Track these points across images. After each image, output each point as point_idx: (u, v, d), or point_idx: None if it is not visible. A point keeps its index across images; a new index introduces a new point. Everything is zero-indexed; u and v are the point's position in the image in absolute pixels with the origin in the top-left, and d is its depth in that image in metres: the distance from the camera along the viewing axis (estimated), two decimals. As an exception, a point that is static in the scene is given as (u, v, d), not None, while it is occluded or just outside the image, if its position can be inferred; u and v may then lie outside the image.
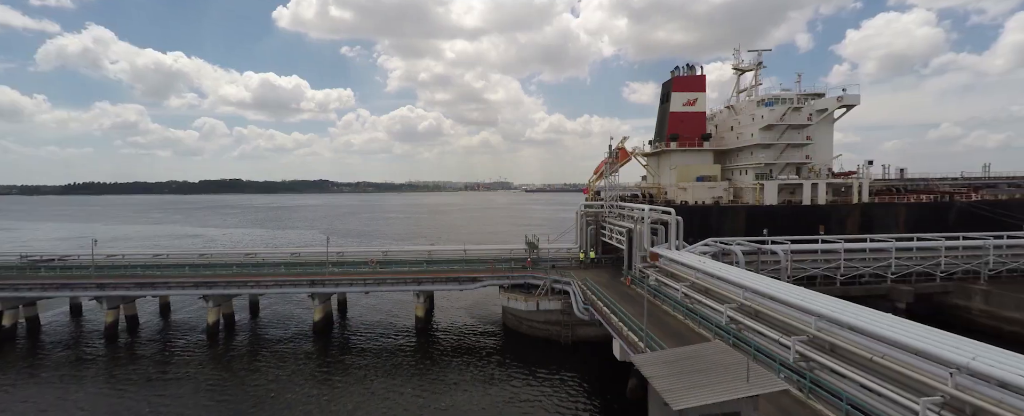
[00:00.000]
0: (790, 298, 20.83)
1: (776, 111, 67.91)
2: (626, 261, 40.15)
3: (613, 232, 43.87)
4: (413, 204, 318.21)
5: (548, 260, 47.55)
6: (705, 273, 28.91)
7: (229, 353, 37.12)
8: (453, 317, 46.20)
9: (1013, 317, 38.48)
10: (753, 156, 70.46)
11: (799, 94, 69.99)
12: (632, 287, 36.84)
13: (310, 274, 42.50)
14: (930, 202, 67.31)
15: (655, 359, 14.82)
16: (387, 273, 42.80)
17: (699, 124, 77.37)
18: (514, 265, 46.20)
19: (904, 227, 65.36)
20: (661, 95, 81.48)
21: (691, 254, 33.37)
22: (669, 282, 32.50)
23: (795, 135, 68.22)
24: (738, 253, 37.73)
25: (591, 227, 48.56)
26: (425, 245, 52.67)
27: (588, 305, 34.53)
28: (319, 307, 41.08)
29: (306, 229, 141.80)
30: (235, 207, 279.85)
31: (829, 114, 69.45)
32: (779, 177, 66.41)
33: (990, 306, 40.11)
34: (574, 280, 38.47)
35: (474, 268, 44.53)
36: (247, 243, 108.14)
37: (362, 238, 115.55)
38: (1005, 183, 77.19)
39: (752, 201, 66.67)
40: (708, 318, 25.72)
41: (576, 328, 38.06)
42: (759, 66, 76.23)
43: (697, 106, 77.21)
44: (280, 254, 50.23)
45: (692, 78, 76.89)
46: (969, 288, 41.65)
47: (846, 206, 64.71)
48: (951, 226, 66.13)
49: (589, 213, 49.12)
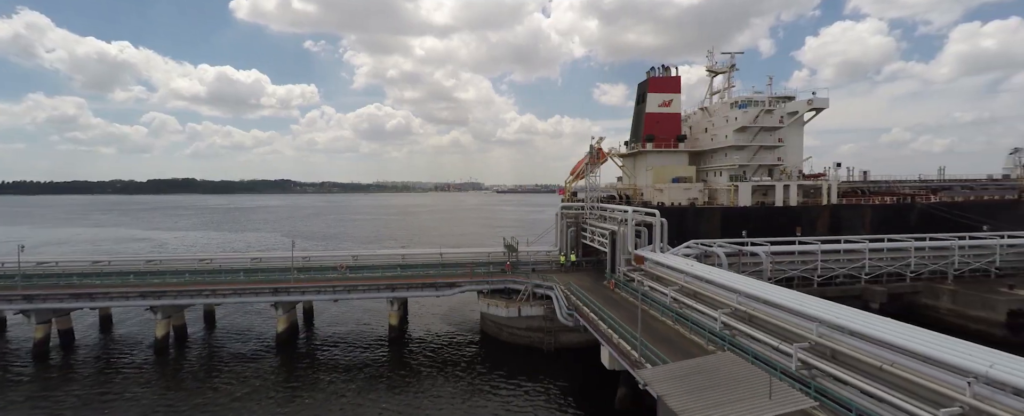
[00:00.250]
0: (788, 303, 20.35)
1: (749, 113, 69.31)
2: (609, 264, 39.43)
3: (595, 234, 43.14)
4: (381, 205, 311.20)
5: (528, 264, 46.38)
6: (694, 277, 28.39)
7: (181, 370, 33.97)
8: (428, 325, 44.29)
9: (979, 316, 40.07)
10: (727, 158, 71.69)
11: (771, 97, 71.80)
12: (616, 291, 36.11)
13: (273, 281, 39.69)
14: (894, 204, 70.29)
15: (666, 374, 13.82)
16: (358, 279, 40.49)
17: (674, 125, 78.21)
18: (493, 269, 44.78)
19: (870, 228, 67.93)
20: (637, 96, 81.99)
21: (678, 257, 32.92)
22: (656, 286, 31.88)
23: (767, 137, 69.82)
24: (720, 255, 37.63)
25: (571, 229, 47.70)
26: (398, 249, 50.41)
27: (573, 311, 33.52)
28: (283, 317, 38.36)
29: (267, 232, 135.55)
30: (188, 208, 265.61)
31: (799, 117, 71.48)
32: (753, 179, 67.77)
33: (957, 305, 41.67)
34: (557, 284, 37.41)
35: (451, 273, 42.81)
36: (201, 248, 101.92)
37: (328, 241, 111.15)
38: (958, 185, 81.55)
39: (727, 202, 67.76)
40: (700, 324, 25.12)
41: (559, 334, 37.00)
42: (732, 68, 77.80)
43: (672, 107, 78.03)
44: (239, 259, 46.83)
45: (668, 79, 77.65)
46: (937, 288, 43.19)
47: (816, 207, 66.69)
48: (913, 227, 69.21)
49: (569, 215, 48.27)
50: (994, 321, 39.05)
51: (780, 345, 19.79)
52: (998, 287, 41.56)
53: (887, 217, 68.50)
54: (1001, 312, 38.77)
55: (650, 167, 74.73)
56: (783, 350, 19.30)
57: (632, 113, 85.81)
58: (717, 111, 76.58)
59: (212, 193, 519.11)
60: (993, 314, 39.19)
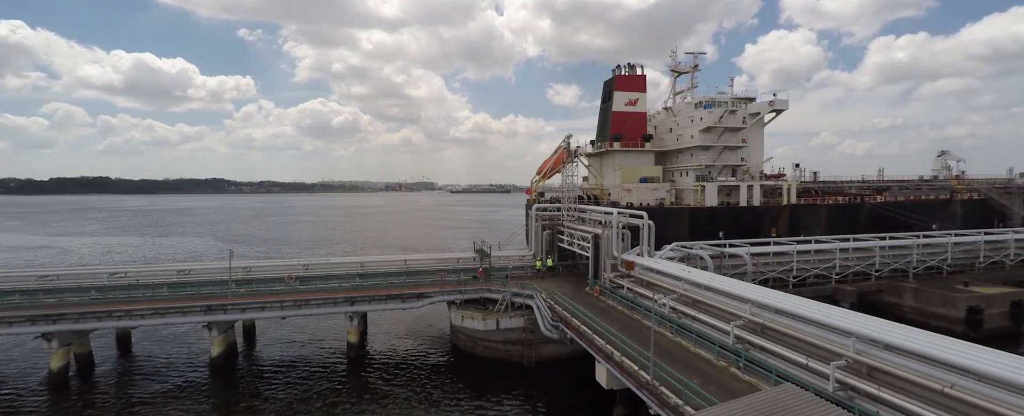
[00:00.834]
0: (816, 315, 18.76)
1: (714, 113, 70.12)
2: (591, 269, 37.23)
3: (574, 238, 40.86)
4: (328, 206, 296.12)
5: (501, 270, 43.39)
6: (694, 284, 26.60)
7: (84, 410, 28.02)
8: (392, 340, 40.13)
9: (940, 313, 41.59)
10: (693, 158, 72.27)
11: (733, 98, 73.16)
12: (602, 299, 33.93)
13: (205, 297, 34.11)
14: (845, 204, 73.70)
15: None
16: (311, 293, 35.73)
17: (641, 124, 78.09)
18: (464, 276, 41.45)
19: (825, 227, 70.67)
20: (602, 94, 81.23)
21: (673, 263, 31.17)
22: (648, 293, 29.94)
23: (731, 138, 71.01)
24: (705, 258, 36.46)
25: (547, 232, 45.19)
26: (356, 256, 45.68)
27: (558, 322, 30.92)
28: (218, 339, 33.00)
29: (198, 236, 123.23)
30: (101, 210, 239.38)
31: (760, 118, 73.35)
32: (719, 179, 68.59)
33: (919, 303, 43.13)
34: (537, 293, 34.68)
35: (419, 282, 39.01)
36: (116, 258, 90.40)
37: (269, 246, 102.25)
38: (896, 186, 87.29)
39: (693, 203, 68.12)
40: (708, 337, 23.25)
41: (540, 347, 34.34)
42: (695, 68, 78.84)
43: (638, 106, 77.87)
44: (164, 271, 40.32)
45: (634, 77, 77.38)
46: (900, 286, 44.59)
47: (778, 207, 68.50)
48: (862, 225, 72.81)
49: (544, 216, 45.75)
50: (954, 318, 40.66)
51: (809, 362, 18.11)
52: (954, 284, 43.59)
53: (840, 216, 71.73)
54: (961, 309, 40.40)
55: (618, 167, 74.04)
56: (815, 369, 17.60)
57: (591, 113, 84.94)
58: (681, 111, 77.20)
59: (131, 193, 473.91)
60: (953, 311, 40.79)
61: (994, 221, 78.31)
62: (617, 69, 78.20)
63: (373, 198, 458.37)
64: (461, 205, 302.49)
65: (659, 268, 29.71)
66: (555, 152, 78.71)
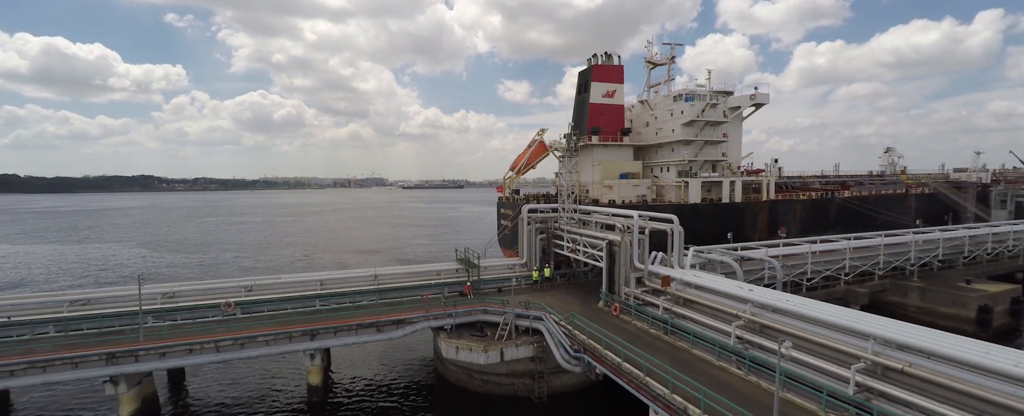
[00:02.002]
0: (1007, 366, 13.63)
1: (695, 107, 66.44)
2: (606, 282, 31.23)
3: (579, 245, 34.68)
4: (271, 204, 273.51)
5: (490, 282, 36.56)
6: (767, 307, 21.10)
7: None
8: (365, 379, 32.00)
9: (950, 312, 39.45)
10: (674, 153, 68.45)
11: (711, 91, 70.00)
12: (624, 318, 28.06)
13: (108, 342, 24.76)
14: (817, 199, 72.88)
15: None
16: (256, 326, 27.12)
17: (618, 117, 73.36)
18: (449, 293, 34.29)
19: (800, 222, 69.49)
20: (578, 85, 75.61)
21: (727, 279, 25.67)
22: (694, 315, 24.35)
23: (712, 132, 67.79)
24: (732, 264, 31.49)
25: (541, 237, 38.79)
26: (313, 273, 36.83)
27: (582, 353, 24.69)
28: (129, 395, 24.02)
29: (117, 243, 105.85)
30: (2, 212, 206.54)
31: (739, 112, 70.74)
32: (702, 175, 65.18)
33: (926, 302, 40.88)
34: (546, 314, 28.23)
35: (396, 304, 31.36)
36: (10, 268, 74.36)
37: (205, 252, 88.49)
38: (851, 180, 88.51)
39: (676, 199, 64.23)
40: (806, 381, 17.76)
41: (552, 378, 28.00)
42: (672, 60, 75.12)
43: (616, 98, 73.03)
44: (50, 302, 29.91)
45: (611, 68, 72.37)
46: (905, 285, 42.26)
47: (758, 203, 66.10)
48: (833, 219, 72.29)
49: (536, 219, 39.25)
50: (964, 317, 38.60)
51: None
52: (957, 282, 41.85)
53: (813, 211, 70.78)
54: (971, 308, 38.39)
55: (596, 162, 68.85)
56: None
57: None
58: (659, 104, 73.19)
59: (44, 192, 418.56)
60: (963, 310, 38.75)
61: (943, 215, 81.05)
62: (593, 59, 72.87)
63: (321, 195, 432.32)
64: (415, 201, 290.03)
65: (711, 286, 24.12)
66: (529, 146, 72.86)
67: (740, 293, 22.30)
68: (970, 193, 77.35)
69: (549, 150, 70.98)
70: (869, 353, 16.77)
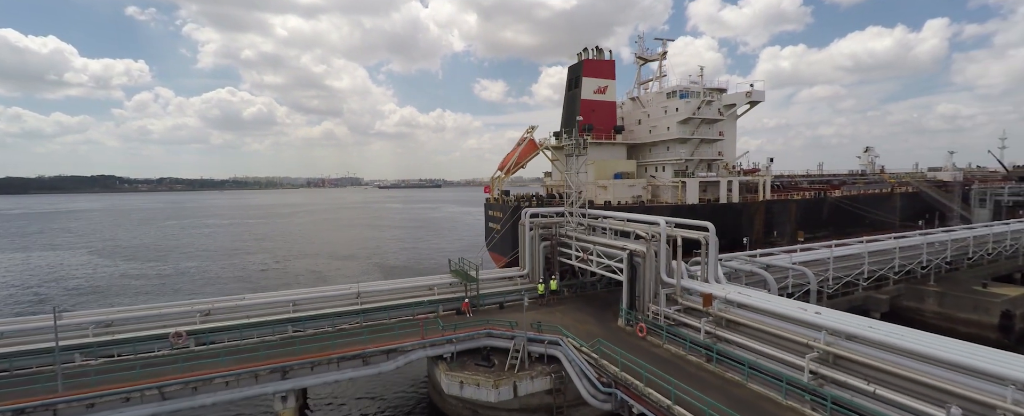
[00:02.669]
0: None
1: (691, 104, 63.44)
2: (626, 298, 27.17)
3: (591, 255, 30.53)
4: (241, 205, 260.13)
5: (489, 297, 32.05)
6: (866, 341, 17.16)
7: None
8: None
9: (971, 319, 37.24)
10: (670, 151, 65.35)
11: (705, 88, 67.29)
12: (652, 340, 24.09)
13: (16, 391, 19.12)
14: (811, 198, 71.20)
15: None
16: (214, 364, 21.81)
17: (611, 115, 69.74)
18: (445, 310, 29.64)
19: (795, 222, 67.62)
20: (568, 80, 71.56)
21: (789, 300, 21.83)
22: (741, 340, 20.52)
23: (708, 130, 64.98)
24: (764, 274, 27.96)
25: (545, 244, 34.52)
26: (284, 292, 31.20)
27: (614, 388, 20.54)
28: (43, 460, 18.49)
29: (67, 250, 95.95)
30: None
31: (734, 110, 68.24)
32: (699, 174, 62.29)
33: (945, 308, 38.62)
34: (566, 340, 23.98)
35: (384, 328, 26.46)
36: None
37: (162, 261, 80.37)
38: (838, 180, 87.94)
39: (673, 200, 61.09)
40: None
41: (571, 411, 23.82)
42: (663, 56, 72.09)
43: (608, 95, 69.33)
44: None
45: (602, 63, 68.64)
46: (921, 290, 39.94)
47: (755, 203, 63.71)
48: (825, 219, 70.81)
49: (539, 224, 34.93)
50: (987, 323, 36.43)
51: None
52: (972, 286, 39.88)
53: (807, 211, 69.02)
54: (994, 314, 36.24)
55: (590, 161, 65.08)
56: None
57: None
58: (652, 101, 70.02)
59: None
60: (986, 316, 36.58)
61: (925, 214, 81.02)
62: (584, 53, 69.06)
63: (294, 195, 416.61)
64: (392, 202, 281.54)
65: (765, 306, 20.28)
66: (519, 145, 68.34)
67: (806, 317, 18.58)
68: (956, 193, 77.28)
69: (539, 148, 66.86)
70: (1008, 402, 13.17)
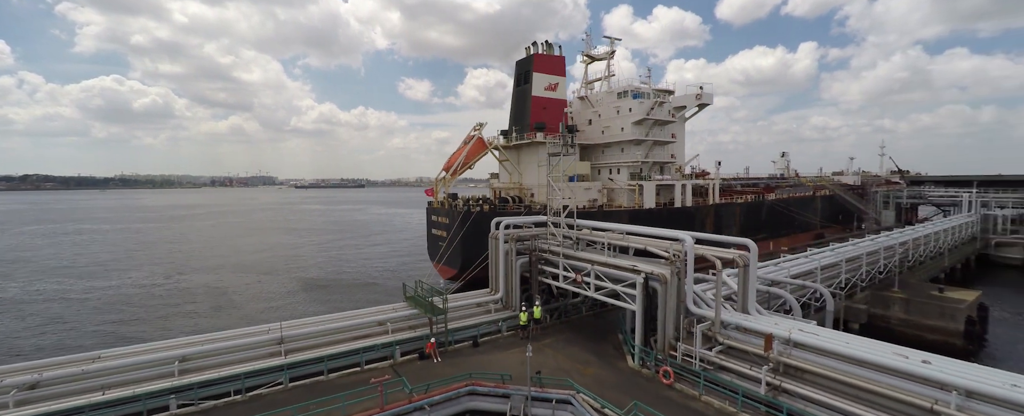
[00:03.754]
0: None
1: (644, 105, 60.70)
2: (639, 334, 21.54)
3: (588, 276, 24.54)
4: (129, 207, 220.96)
5: (462, 332, 24.86)
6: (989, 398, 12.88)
7: None
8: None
9: (935, 325, 37.05)
10: (625, 153, 62.04)
11: (654, 89, 65.18)
12: (680, 388, 18.69)
13: None
14: (752, 201, 72.19)
15: None
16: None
17: (561, 113, 65.08)
18: (403, 355, 22.00)
19: (739, 225, 67.86)
20: (517, 76, 65.67)
21: (859, 338, 17.19)
22: (815, 394, 15.67)
23: (660, 132, 62.67)
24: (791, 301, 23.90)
25: (522, 260, 28.05)
26: (165, 343, 21.12)
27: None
28: None
29: None
30: None
31: (683, 112, 66.82)
32: (655, 177, 59.58)
33: (910, 315, 38.26)
34: (579, 398, 17.74)
35: (323, 397, 18.28)
36: None
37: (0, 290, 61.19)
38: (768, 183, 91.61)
39: (630, 204, 57.86)
40: None
41: (585, 496, 17.63)
42: (611, 55, 68.94)
43: (558, 92, 64.62)
44: None
45: (553, 58, 63.73)
46: (887, 297, 39.38)
47: (705, 207, 62.60)
48: (764, 221, 72.32)
49: (515, 236, 28.39)
50: (953, 330, 36.40)
51: None
52: (930, 291, 40.23)
53: (749, 214, 69.75)
54: (960, 321, 36.28)
55: (543, 162, 59.71)
56: None
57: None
58: (602, 101, 66.46)
59: None
60: (952, 323, 36.52)
61: (839, 215, 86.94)
62: (533, 47, 63.78)
63: (195, 195, 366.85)
64: (312, 203, 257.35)
65: (852, 353, 15.48)
66: (466, 143, 61.21)
67: (912, 368, 14.10)
68: (870, 197, 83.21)
69: (488, 148, 60.31)
70: None
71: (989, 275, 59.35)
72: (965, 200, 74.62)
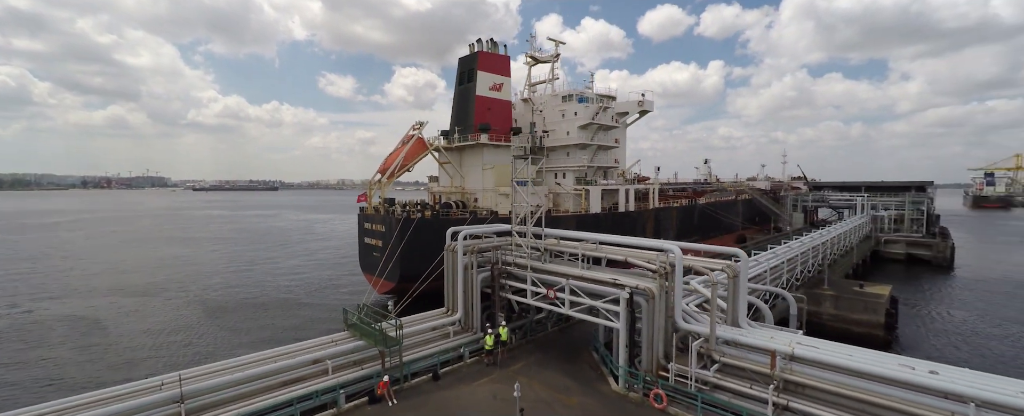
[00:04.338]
0: None
1: (590, 109, 60.85)
2: (622, 354, 19.77)
3: (564, 292, 22.39)
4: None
5: (420, 364, 21.44)
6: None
7: None
8: None
9: (860, 319, 40.23)
10: (570, 158, 61.57)
11: (597, 94, 65.77)
12: (672, 413, 17.18)
13: None
14: (686, 205, 75.55)
15: None
16: None
17: (507, 115, 62.98)
18: (348, 399, 18.17)
19: (676, 228, 70.63)
20: (460, 74, 62.64)
21: (861, 350, 16.43)
22: (821, 412, 14.79)
23: (604, 137, 63.21)
24: (758, 304, 23.70)
25: (483, 275, 25.29)
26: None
27: None
28: None
29: None
30: None
31: (625, 118, 68.05)
32: (601, 182, 59.67)
33: (839, 311, 41.27)
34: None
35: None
36: None
37: None
38: (692, 187, 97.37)
39: (576, 209, 57.37)
40: None
41: None
42: (556, 58, 68.57)
43: (503, 93, 62.64)
44: None
45: (498, 57, 61.66)
46: (819, 295, 42.19)
47: (646, 211, 64.11)
48: (696, 224, 76.13)
49: (475, 248, 25.55)
50: (875, 323, 39.75)
51: None
52: (852, 287, 43.82)
53: (683, 218, 72.91)
54: (881, 313, 39.72)
55: (488, 165, 57.23)
56: None
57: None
58: (546, 104, 65.72)
59: None
60: (874, 316, 39.89)
61: (755, 217, 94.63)
62: (477, 44, 61.23)
63: (61, 199, 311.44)
64: (214, 207, 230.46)
65: (855, 366, 14.69)
66: (405, 143, 56.79)
67: (920, 380, 13.60)
68: (785, 201, 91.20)
69: (428, 150, 56.52)
70: None
71: (880, 269, 67.05)
72: (858, 203, 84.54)
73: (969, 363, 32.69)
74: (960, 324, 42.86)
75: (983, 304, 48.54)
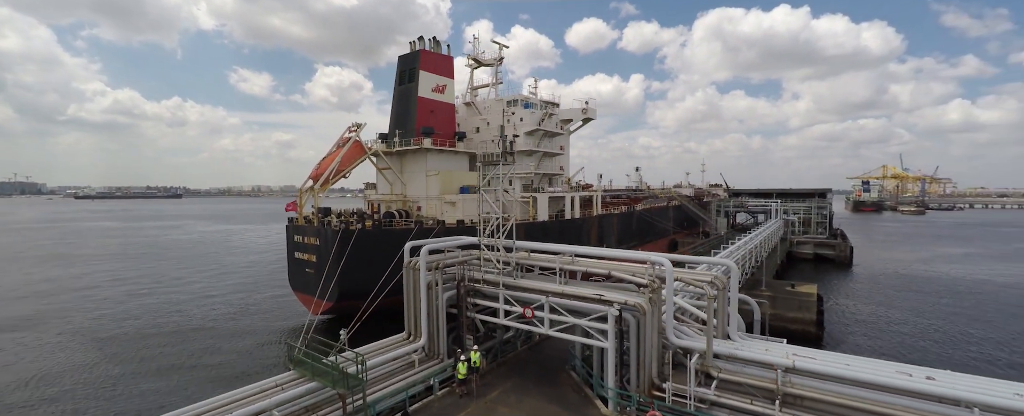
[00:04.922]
0: None
1: (536, 115, 60.31)
2: (611, 375, 18.43)
3: (541, 310, 20.61)
4: None
5: (385, 402, 18.50)
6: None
7: None
8: None
9: (795, 317, 42.96)
10: (517, 164, 60.33)
11: (541, 100, 65.53)
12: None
13: None
14: (626, 212, 77.60)
15: None
16: None
17: (450, 118, 60.47)
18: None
19: (617, 235, 72.18)
20: (400, 74, 59.00)
21: (857, 358, 16.14)
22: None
23: (549, 143, 62.94)
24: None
25: (449, 294, 22.84)
26: None
27: None
28: None
29: None
30: None
31: (569, 125, 68.35)
32: (548, 189, 59.07)
33: (776, 310, 43.77)
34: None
35: None
36: None
37: None
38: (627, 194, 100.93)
39: (524, 216, 56.18)
40: None
41: None
42: (500, 61, 67.39)
43: (447, 95, 60.10)
44: None
45: (441, 57, 59.05)
46: (757, 296, 44.44)
47: (591, 218, 64.67)
48: (635, 230, 78.54)
49: (439, 264, 23.01)
50: (808, 320, 42.59)
51: None
52: (785, 287, 46.81)
53: (623, 223, 74.83)
54: (813, 311, 42.64)
55: (432, 171, 54.13)
56: None
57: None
58: (490, 108, 64.18)
59: None
60: (808, 314, 42.74)
61: (684, 222, 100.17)
62: (418, 42, 58.21)
63: None
64: (104, 219, 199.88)
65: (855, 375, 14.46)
66: (340, 147, 52.11)
67: (917, 386, 13.65)
68: (711, 207, 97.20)
69: (367, 153, 52.30)
70: None
71: (795, 268, 73.42)
72: (773, 208, 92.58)
73: (886, 354, 36.01)
74: (872, 316, 47.30)
75: (883, 297, 54.42)
